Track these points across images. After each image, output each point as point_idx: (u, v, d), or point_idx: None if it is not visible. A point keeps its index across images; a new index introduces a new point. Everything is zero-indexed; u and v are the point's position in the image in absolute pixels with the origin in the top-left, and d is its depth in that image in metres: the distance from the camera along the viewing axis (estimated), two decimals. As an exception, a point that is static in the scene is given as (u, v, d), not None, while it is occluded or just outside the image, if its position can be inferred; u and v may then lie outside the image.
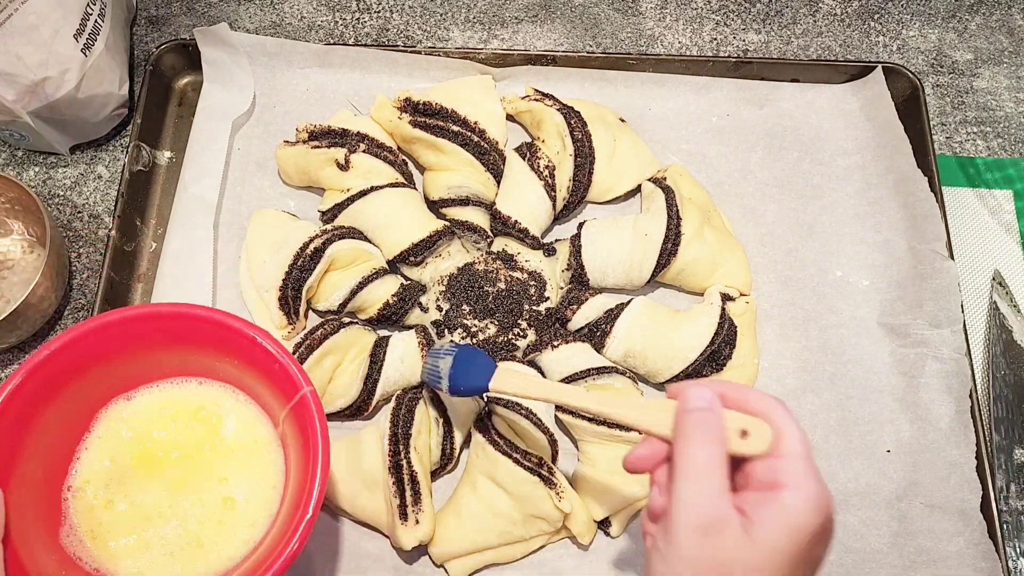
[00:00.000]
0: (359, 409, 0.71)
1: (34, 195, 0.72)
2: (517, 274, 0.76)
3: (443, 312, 0.75)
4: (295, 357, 0.56)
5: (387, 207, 0.75)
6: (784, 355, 0.75)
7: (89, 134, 0.84)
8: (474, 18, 0.93)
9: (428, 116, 0.77)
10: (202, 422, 0.60)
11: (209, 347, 0.58)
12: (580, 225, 0.77)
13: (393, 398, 0.70)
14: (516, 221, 0.76)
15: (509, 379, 0.59)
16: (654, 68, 0.85)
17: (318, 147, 0.77)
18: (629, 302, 0.73)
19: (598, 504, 0.67)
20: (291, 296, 0.72)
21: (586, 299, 0.74)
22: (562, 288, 0.76)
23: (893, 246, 0.79)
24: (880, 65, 0.84)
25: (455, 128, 0.77)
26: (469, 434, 0.71)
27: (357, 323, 0.74)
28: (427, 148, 0.78)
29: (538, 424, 0.68)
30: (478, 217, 0.77)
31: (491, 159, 0.78)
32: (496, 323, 0.74)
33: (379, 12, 0.93)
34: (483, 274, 0.76)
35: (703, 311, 0.72)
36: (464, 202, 0.77)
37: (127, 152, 0.80)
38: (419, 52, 0.84)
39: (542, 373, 0.73)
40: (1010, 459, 0.72)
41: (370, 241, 0.76)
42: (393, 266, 0.77)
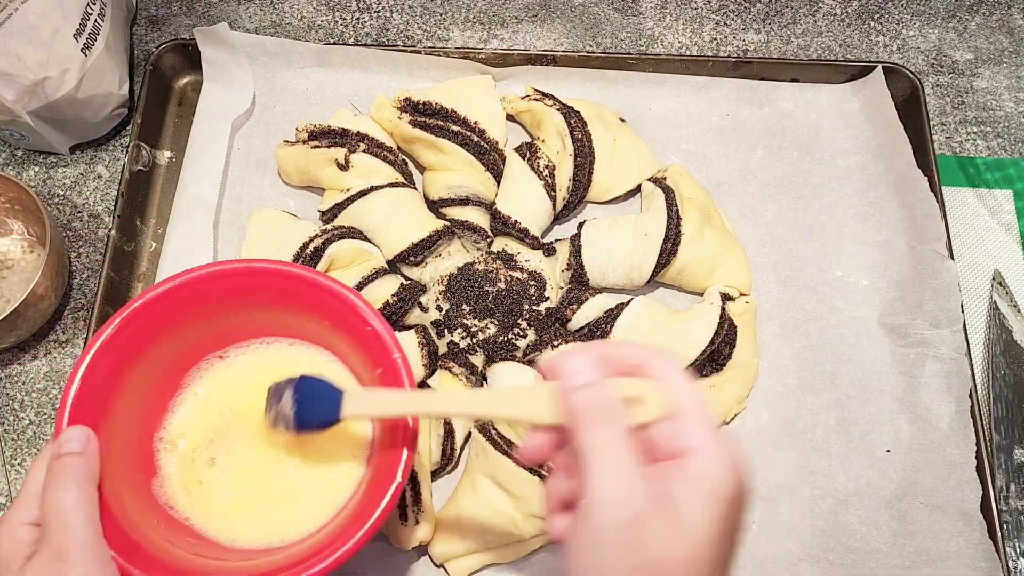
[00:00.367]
0: (359, 409, 0.71)
1: (34, 195, 0.72)
2: (517, 274, 0.76)
3: (443, 312, 0.75)
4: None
5: (387, 207, 0.75)
6: (784, 355, 0.75)
7: (89, 134, 0.84)
8: (474, 18, 0.93)
9: (428, 116, 0.77)
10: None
11: (302, 307, 0.58)
12: (580, 225, 0.77)
13: (393, 398, 0.70)
14: (516, 221, 0.76)
15: (360, 402, 0.52)
16: (654, 68, 0.85)
17: (318, 147, 0.77)
18: (629, 302, 0.73)
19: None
20: (291, 296, 0.72)
21: (586, 299, 0.74)
22: (562, 288, 0.76)
23: (893, 246, 0.79)
24: (880, 65, 0.84)
25: (455, 128, 0.77)
26: (469, 434, 0.71)
27: (357, 323, 0.74)
28: (427, 148, 0.78)
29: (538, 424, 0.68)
30: (478, 217, 0.77)
31: (491, 159, 0.78)
32: (496, 323, 0.74)
33: (379, 12, 0.93)
34: (483, 274, 0.76)
35: (703, 311, 0.72)
36: (464, 202, 0.77)
37: (127, 152, 0.80)
38: (419, 52, 0.84)
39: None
40: (1010, 459, 0.72)
41: (370, 241, 0.76)
42: (393, 266, 0.77)
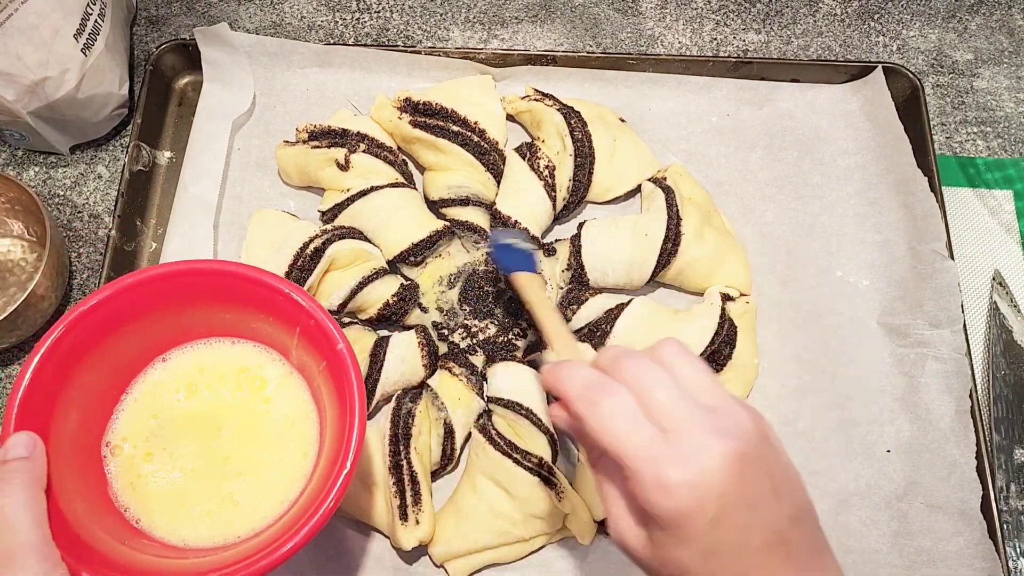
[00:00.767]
0: (359, 409, 0.71)
1: (34, 195, 0.72)
2: (517, 274, 0.76)
3: (443, 312, 0.75)
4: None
5: (387, 207, 0.75)
6: (784, 355, 0.75)
7: (89, 134, 0.84)
8: (474, 18, 0.93)
9: (428, 116, 0.77)
10: (238, 382, 0.60)
11: (244, 304, 0.59)
12: (580, 225, 0.77)
13: (393, 398, 0.70)
14: (516, 221, 0.76)
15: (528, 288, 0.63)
16: (654, 68, 0.85)
17: (318, 147, 0.77)
18: (629, 302, 0.73)
19: (598, 504, 0.67)
20: (291, 296, 0.72)
21: (586, 299, 0.74)
22: (562, 288, 0.76)
23: (893, 246, 0.79)
24: (880, 65, 0.84)
25: (455, 128, 0.77)
26: (469, 434, 0.71)
27: (357, 323, 0.74)
28: (427, 148, 0.78)
29: (538, 424, 0.68)
30: (478, 217, 0.77)
31: (491, 159, 0.78)
32: (496, 323, 0.74)
33: (379, 12, 0.93)
34: (483, 274, 0.76)
35: (703, 311, 0.72)
36: (464, 202, 0.77)
37: (127, 152, 0.80)
38: (419, 52, 0.84)
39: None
40: (1010, 459, 0.72)
41: (370, 241, 0.76)
42: (393, 266, 0.77)
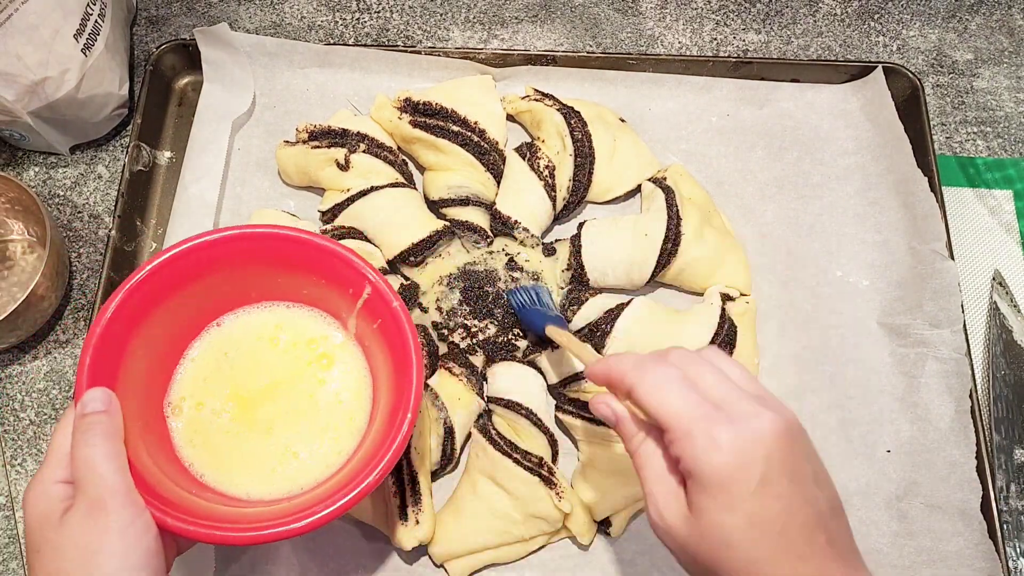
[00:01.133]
0: (359, 409, 0.71)
1: (34, 195, 0.72)
2: (517, 274, 0.76)
3: (443, 312, 0.75)
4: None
5: (387, 207, 0.75)
6: (784, 355, 0.75)
7: (89, 134, 0.84)
8: (474, 18, 0.93)
9: (428, 116, 0.77)
10: (293, 343, 0.63)
11: (299, 269, 0.60)
12: (580, 225, 0.77)
13: (393, 398, 0.70)
14: (516, 221, 0.76)
15: (555, 332, 0.64)
16: (654, 68, 0.85)
17: (318, 147, 0.77)
18: (629, 302, 0.73)
19: (598, 504, 0.67)
20: (291, 296, 0.72)
21: (586, 299, 0.74)
22: (562, 288, 0.76)
23: (893, 246, 0.79)
24: (880, 65, 0.84)
25: (455, 128, 0.77)
26: (469, 434, 0.71)
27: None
28: (427, 148, 0.78)
29: (538, 424, 0.68)
30: (478, 217, 0.77)
31: (491, 159, 0.78)
32: (496, 323, 0.74)
33: (379, 12, 0.93)
34: (483, 274, 0.76)
35: (703, 311, 0.72)
36: (464, 202, 0.77)
37: (127, 152, 0.80)
38: (419, 52, 0.84)
39: (542, 374, 0.73)
40: (1010, 459, 0.72)
41: (370, 241, 0.76)
42: (393, 266, 0.77)
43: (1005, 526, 0.69)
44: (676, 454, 0.44)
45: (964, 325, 0.73)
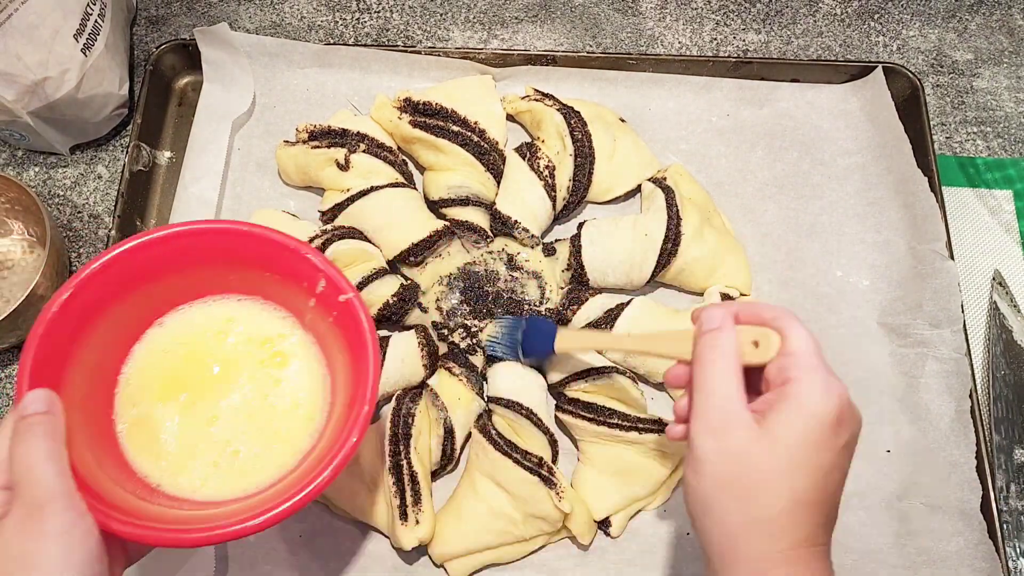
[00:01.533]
0: (359, 409, 0.71)
1: (34, 195, 0.72)
2: (517, 274, 0.76)
3: (443, 312, 0.75)
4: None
5: (387, 207, 0.75)
6: (784, 355, 0.75)
7: (89, 134, 0.84)
8: (474, 18, 0.93)
9: (428, 116, 0.77)
10: (246, 337, 0.61)
11: (255, 265, 0.59)
12: (580, 225, 0.77)
13: (393, 398, 0.70)
14: (516, 221, 0.76)
15: (570, 340, 0.68)
16: (654, 68, 0.85)
17: (318, 147, 0.77)
18: (629, 302, 0.73)
19: (598, 504, 0.67)
20: (291, 296, 0.72)
21: (586, 299, 0.74)
22: (562, 288, 0.76)
23: (893, 246, 0.79)
24: (880, 65, 0.84)
25: (455, 128, 0.77)
26: (469, 434, 0.71)
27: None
28: (427, 148, 0.78)
29: (538, 424, 0.68)
30: (478, 217, 0.77)
31: (491, 159, 0.78)
32: (496, 323, 0.74)
33: (379, 12, 0.93)
34: (483, 274, 0.76)
35: (703, 311, 0.72)
36: (464, 202, 0.77)
37: (127, 152, 0.80)
38: (419, 52, 0.84)
39: (542, 373, 0.73)
40: (1010, 459, 0.72)
41: (370, 241, 0.76)
42: (393, 266, 0.77)
43: (1005, 526, 0.69)
44: (783, 375, 0.49)
45: (964, 325, 0.73)
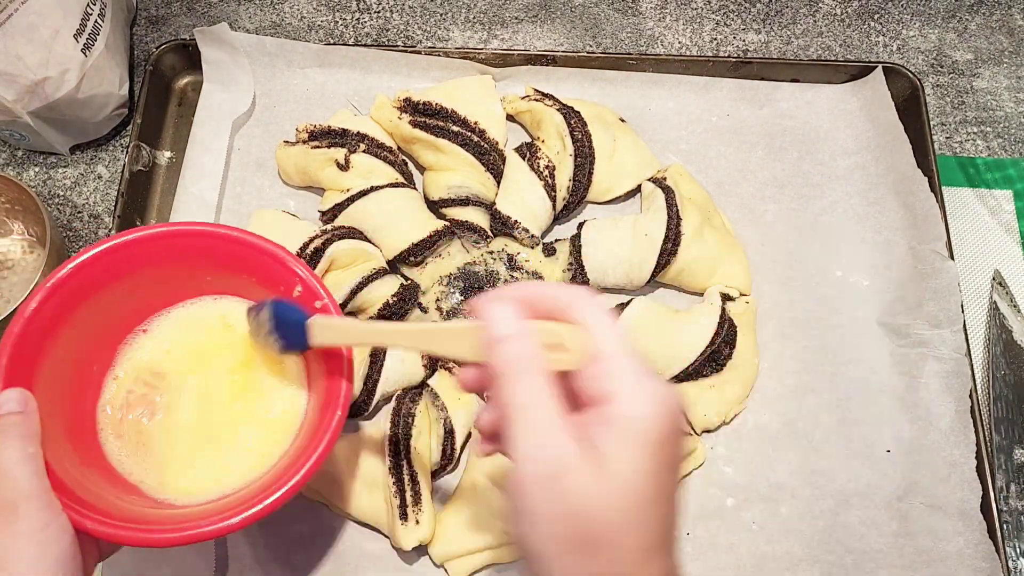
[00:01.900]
0: (359, 409, 0.71)
1: (34, 195, 0.72)
2: (517, 274, 0.76)
3: (443, 312, 0.75)
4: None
5: (387, 207, 0.75)
6: (784, 355, 0.75)
7: (89, 134, 0.84)
8: (474, 18, 0.93)
9: (428, 116, 0.77)
10: (223, 338, 0.61)
11: (231, 268, 0.59)
12: (580, 225, 0.77)
13: (393, 398, 0.70)
14: (516, 221, 0.76)
15: (325, 333, 0.54)
16: (654, 68, 0.85)
17: (318, 147, 0.77)
18: (629, 302, 0.73)
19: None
20: (291, 296, 0.72)
21: (586, 299, 0.74)
22: (562, 288, 0.76)
23: (893, 246, 0.79)
24: (880, 65, 0.84)
25: (455, 128, 0.77)
26: (469, 434, 0.71)
27: (357, 323, 0.74)
28: (427, 148, 0.78)
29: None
30: (478, 217, 0.77)
31: (491, 159, 0.78)
32: (496, 323, 0.74)
33: (379, 12, 0.93)
34: (483, 274, 0.76)
35: (703, 311, 0.72)
36: (464, 202, 0.77)
37: (127, 152, 0.80)
38: (419, 52, 0.84)
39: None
40: (1010, 459, 0.72)
41: (370, 241, 0.76)
42: (393, 266, 0.77)
43: (1005, 526, 0.69)
44: (599, 388, 0.40)
45: (964, 325, 0.73)
